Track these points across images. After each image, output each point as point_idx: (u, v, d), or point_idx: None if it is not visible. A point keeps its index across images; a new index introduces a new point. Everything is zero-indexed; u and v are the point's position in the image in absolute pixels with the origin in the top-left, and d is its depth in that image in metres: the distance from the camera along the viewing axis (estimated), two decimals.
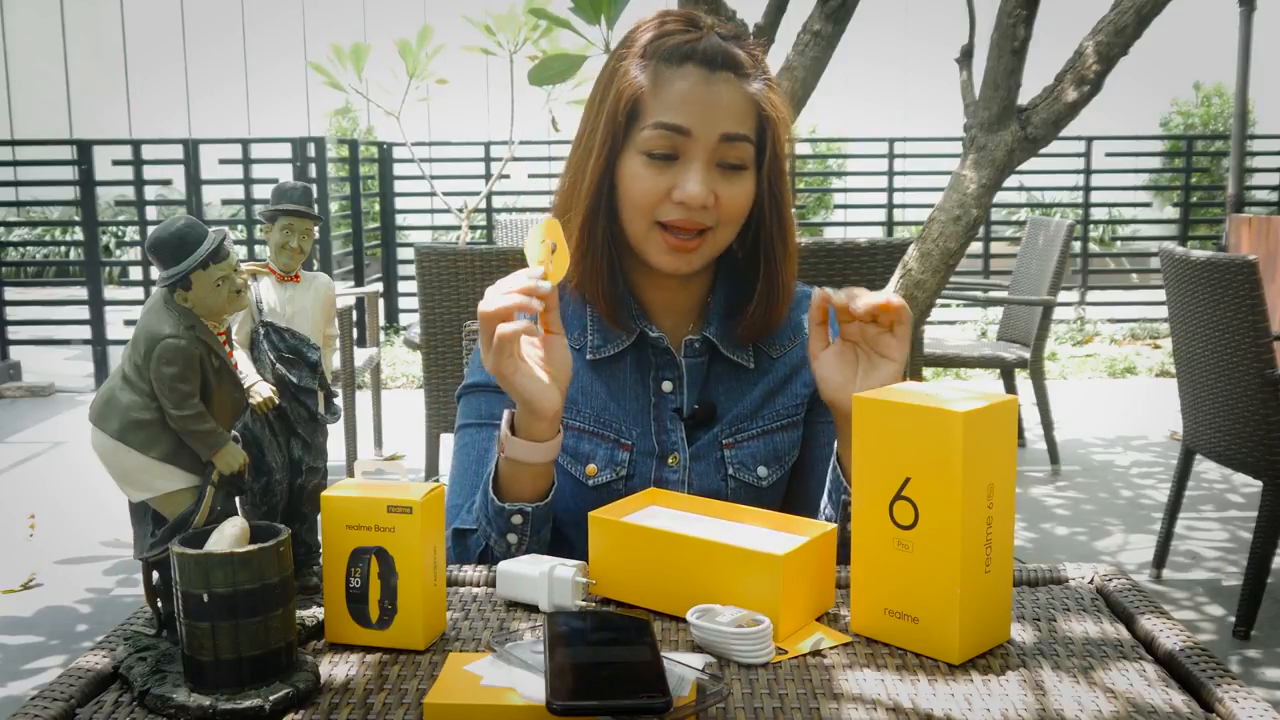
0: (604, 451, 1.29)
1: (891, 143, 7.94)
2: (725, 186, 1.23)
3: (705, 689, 0.81)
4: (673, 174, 1.22)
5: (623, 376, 1.31)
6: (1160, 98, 11.62)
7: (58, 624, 3.21)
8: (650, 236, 1.24)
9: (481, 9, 5.03)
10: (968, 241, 2.29)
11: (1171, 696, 0.85)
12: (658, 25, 1.25)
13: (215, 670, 0.82)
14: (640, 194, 1.22)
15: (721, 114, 1.21)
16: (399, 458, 4.66)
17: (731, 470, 1.30)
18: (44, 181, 7.50)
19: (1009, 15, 2.26)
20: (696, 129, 1.20)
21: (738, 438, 1.31)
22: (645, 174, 1.22)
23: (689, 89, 1.21)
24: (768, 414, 1.32)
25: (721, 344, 1.31)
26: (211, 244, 0.87)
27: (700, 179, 1.21)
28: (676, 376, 1.31)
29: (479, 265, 3.36)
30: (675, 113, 1.21)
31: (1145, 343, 7.65)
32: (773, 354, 1.34)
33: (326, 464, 1.03)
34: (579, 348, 1.31)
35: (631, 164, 1.23)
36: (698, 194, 1.20)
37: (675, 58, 1.22)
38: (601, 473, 1.28)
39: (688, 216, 1.22)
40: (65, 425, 5.73)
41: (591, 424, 1.29)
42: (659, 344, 1.30)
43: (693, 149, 1.21)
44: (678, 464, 1.29)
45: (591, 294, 1.28)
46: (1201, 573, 3.55)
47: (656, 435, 1.30)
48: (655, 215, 1.23)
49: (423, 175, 6.26)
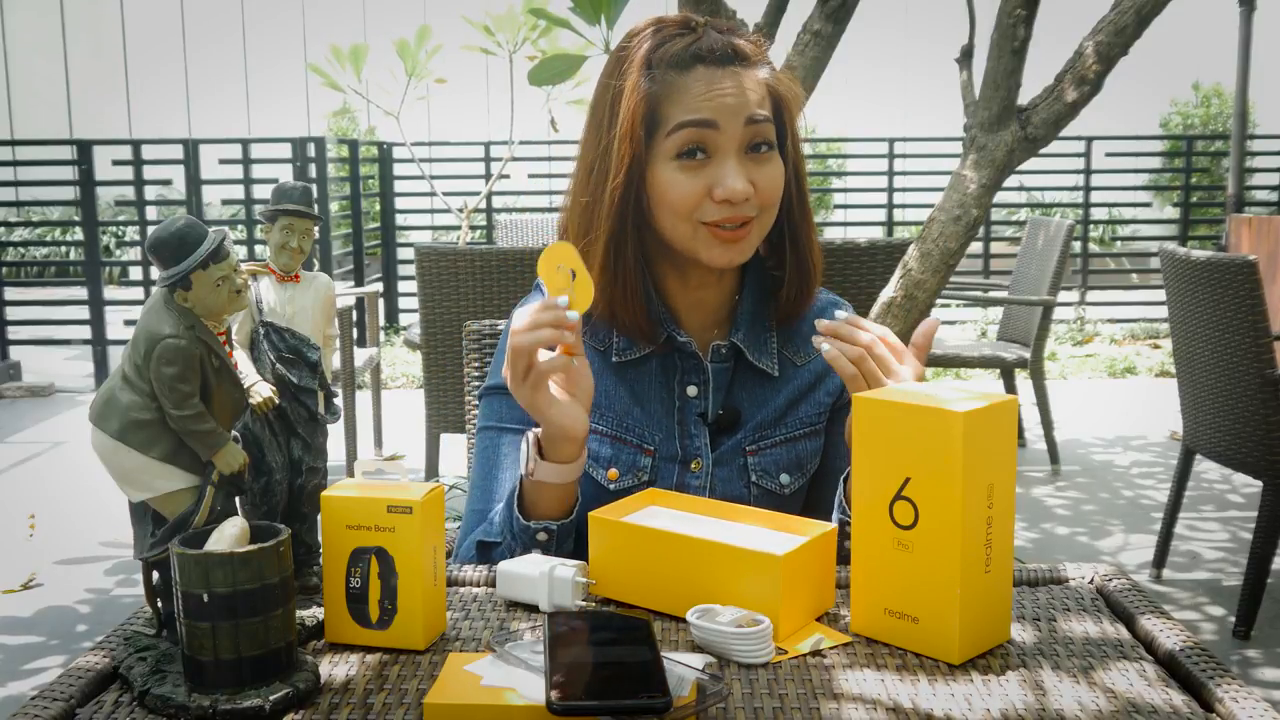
0: (626, 457, 1.28)
1: (891, 143, 7.94)
2: (759, 172, 1.23)
3: (705, 689, 0.81)
4: (708, 173, 1.21)
5: (647, 380, 1.31)
6: (1160, 98, 11.62)
7: (58, 624, 3.21)
8: (698, 235, 1.23)
9: (481, 9, 5.03)
10: (968, 241, 2.29)
11: (1171, 696, 0.85)
12: (654, 34, 1.25)
13: (215, 670, 0.82)
14: (680, 198, 1.21)
15: (741, 101, 1.21)
16: (399, 458, 4.66)
17: (755, 477, 1.30)
18: (44, 181, 7.50)
19: (1009, 15, 2.26)
20: (722, 121, 1.20)
21: (761, 445, 1.31)
22: (681, 178, 1.21)
23: (705, 87, 1.20)
24: (791, 421, 1.32)
25: (748, 350, 1.31)
26: (211, 244, 0.87)
27: (737, 172, 1.21)
28: (702, 381, 1.30)
29: (479, 265, 3.36)
30: (698, 110, 1.20)
31: (1145, 343, 7.64)
32: (797, 361, 1.34)
33: (326, 464, 1.03)
34: (603, 349, 1.30)
35: (663, 172, 1.22)
36: (739, 188, 1.20)
37: (682, 63, 1.21)
38: (623, 478, 1.28)
39: (733, 212, 1.22)
40: (65, 425, 5.73)
41: (614, 428, 1.29)
42: (686, 348, 1.30)
43: (722, 143, 1.21)
44: (700, 469, 1.29)
45: (623, 311, 1.27)
46: (1201, 573, 3.55)
47: (680, 440, 1.29)
48: (698, 216, 1.22)
49: (423, 175, 6.26)
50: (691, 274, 1.29)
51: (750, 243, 1.25)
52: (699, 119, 1.20)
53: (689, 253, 1.25)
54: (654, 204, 1.24)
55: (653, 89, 1.21)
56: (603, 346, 1.30)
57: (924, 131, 8.26)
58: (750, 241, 1.25)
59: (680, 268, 1.29)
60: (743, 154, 1.22)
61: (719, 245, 1.23)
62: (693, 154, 1.21)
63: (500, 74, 5.42)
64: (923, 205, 7.75)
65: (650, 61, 1.22)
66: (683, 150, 1.21)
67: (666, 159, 1.22)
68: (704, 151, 1.21)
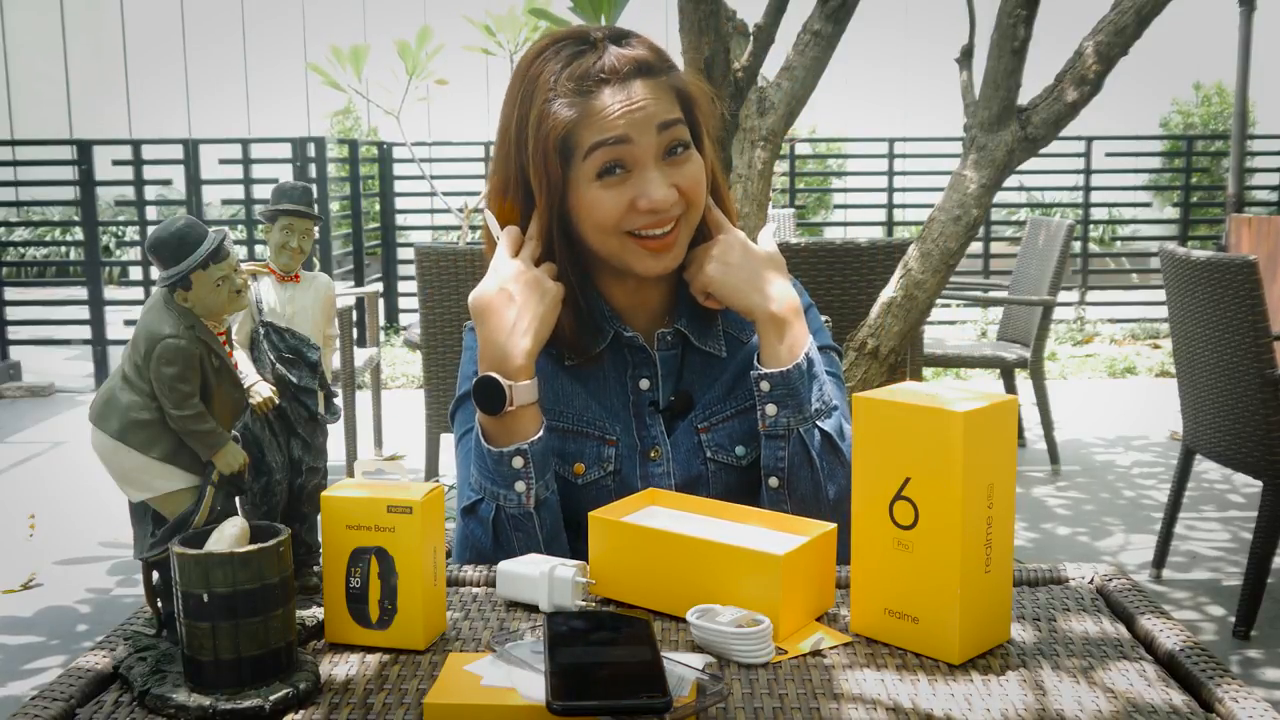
0: (591, 450, 1.30)
1: (891, 143, 7.94)
2: (679, 174, 1.25)
3: (705, 689, 0.81)
4: (630, 186, 1.23)
5: (601, 376, 1.33)
6: (1160, 98, 11.62)
7: (58, 624, 3.21)
8: (626, 247, 1.26)
9: (481, 9, 5.02)
10: (968, 241, 2.29)
11: (1171, 696, 0.85)
12: (554, 55, 1.25)
13: (215, 670, 0.82)
14: (605, 215, 1.24)
15: (650, 112, 1.22)
16: (399, 458, 4.66)
17: (710, 453, 1.31)
18: (44, 181, 7.50)
19: (1009, 15, 2.26)
20: (634, 134, 1.22)
21: (712, 421, 1.32)
22: (604, 195, 1.23)
23: (614, 105, 1.22)
24: (740, 393, 1.33)
25: (693, 335, 1.34)
26: (211, 244, 0.87)
27: (658, 181, 1.23)
28: (652, 373, 1.33)
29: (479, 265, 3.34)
30: (610, 129, 1.21)
31: (1145, 343, 7.64)
32: (743, 339, 1.36)
33: (326, 464, 1.03)
34: (555, 353, 1.32)
35: (585, 193, 1.24)
36: (662, 198, 1.22)
37: (586, 87, 1.22)
38: (590, 470, 1.29)
39: (659, 218, 1.24)
40: (65, 425, 5.73)
41: (575, 423, 1.31)
42: (634, 342, 1.32)
43: (638, 155, 1.23)
44: (660, 457, 1.31)
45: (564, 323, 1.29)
46: (1202, 573, 3.54)
47: (638, 431, 1.31)
48: (623, 227, 1.24)
49: (423, 175, 6.26)
50: (629, 277, 1.31)
51: (680, 245, 1.28)
52: (612, 137, 1.21)
53: (620, 265, 1.28)
54: (580, 223, 1.26)
55: (562, 116, 1.22)
56: (555, 351, 1.32)
57: (924, 131, 8.26)
58: (680, 244, 1.28)
59: (618, 273, 1.31)
60: (660, 161, 1.24)
61: (649, 256, 1.26)
62: (612, 170, 1.23)
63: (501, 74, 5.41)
64: (923, 205, 7.74)
65: (555, 87, 1.23)
66: (602, 170, 1.23)
67: (587, 181, 1.23)
68: (622, 167, 1.23)
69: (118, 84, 13.49)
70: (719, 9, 2.12)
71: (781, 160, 7.83)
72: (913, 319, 2.24)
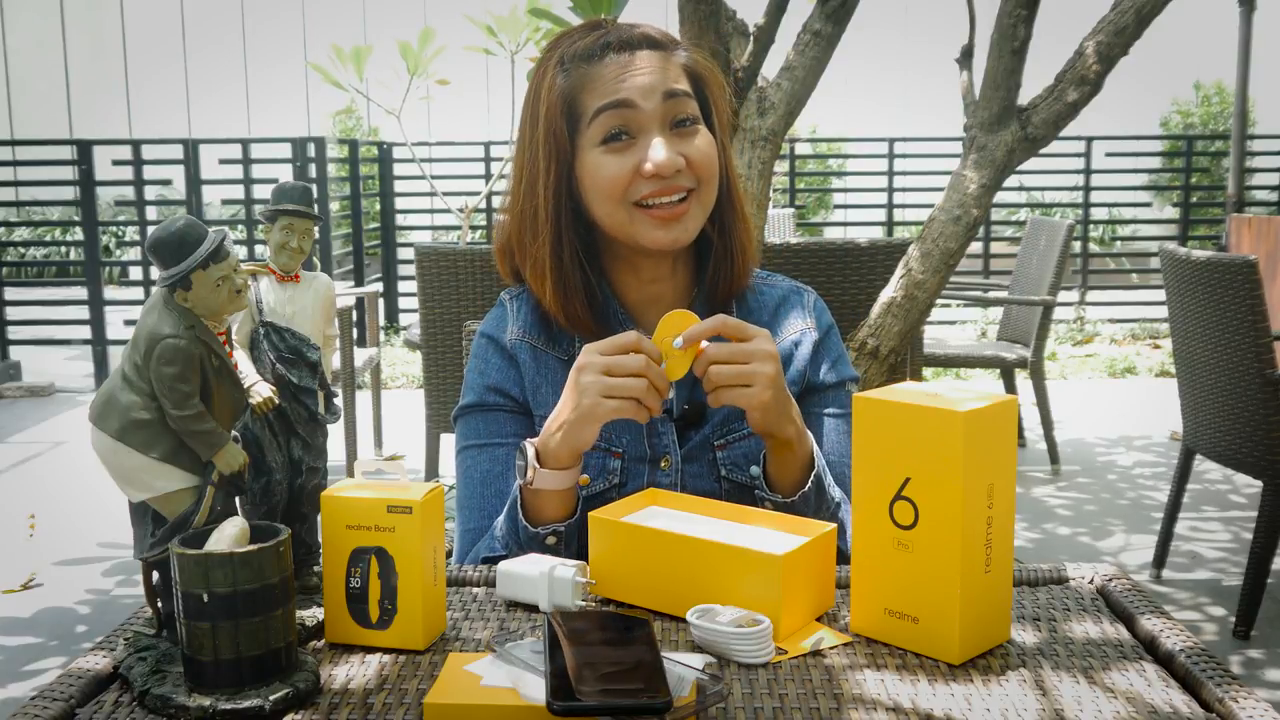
0: (595, 461, 1.28)
1: (891, 143, 7.94)
2: (687, 145, 1.23)
3: (705, 689, 0.81)
4: (635, 151, 1.22)
5: None
6: (1160, 98, 11.62)
7: (58, 624, 3.21)
8: (635, 218, 1.23)
9: (483, 9, 5.03)
10: (968, 241, 2.29)
11: (1172, 697, 0.85)
12: (564, 38, 1.27)
13: (215, 670, 0.82)
14: (609, 180, 1.22)
15: (657, 78, 1.22)
16: (399, 458, 4.65)
17: (725, 471, 1.30)
18: (44, 181, 7.50)
19: (1009, 15, 2.26)
20: (638, 99, 1.21)
21: (729, 438, 1.30)
22: (607, 160, 1.22)
23: (618, 70, 1.22)
24: None
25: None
26: (211, 244, 0.87)
27: (663, 144, 1.21)
28: None
29: (479, 265, 3.36)
30: (613, 93, 1.21)
31: (1145, 343, 7.64)
32: None
33: (326, 464, 1.03)
34: (566, 358, 1.30)
35: (590, 160, 1.23)
36: (666, 158, 1.20)
37: (592, 55, 1.23)
38: (595, 483, 1.28)
39: (664, 184, 1.22)
40: (65, 425, 5.73)
41: None
42: None
43: (644, 121, 1.22)
44: (670, 467, 1.29)
45: (570, 316, 1.28)
46: (1202, 573, 3.54)
47: (648, 439, 1.29)
48: (630, 196, 1.23)
49: (423, 175, 6.26)
50: (643, 267, 1.29)
51: (693, 218, 1.25)
52: (615, 100, 1.21)
53: (629, 239, 1.25)
54: (587, 194, 1.25)
55: (567, 83, 1.23)
56: (565, 355, 1.31)
57: (924, 131, 8.25)
58: (692, 216, 1.25)
59: (631, 262, 1.29)
60: (667, 130, 1.23)
61: (658, 226, 1.23)
62: (618, 137, 1.22)
63: (501, 74, 5.42)
64: (923, 205, 7.74)
65: (562, 60, 1.24)
66: (607, 135, 1.22)
67: (592, 147, 1.23)
68: (628, 133, 1.22)
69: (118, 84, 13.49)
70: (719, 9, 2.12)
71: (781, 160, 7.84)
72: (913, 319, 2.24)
